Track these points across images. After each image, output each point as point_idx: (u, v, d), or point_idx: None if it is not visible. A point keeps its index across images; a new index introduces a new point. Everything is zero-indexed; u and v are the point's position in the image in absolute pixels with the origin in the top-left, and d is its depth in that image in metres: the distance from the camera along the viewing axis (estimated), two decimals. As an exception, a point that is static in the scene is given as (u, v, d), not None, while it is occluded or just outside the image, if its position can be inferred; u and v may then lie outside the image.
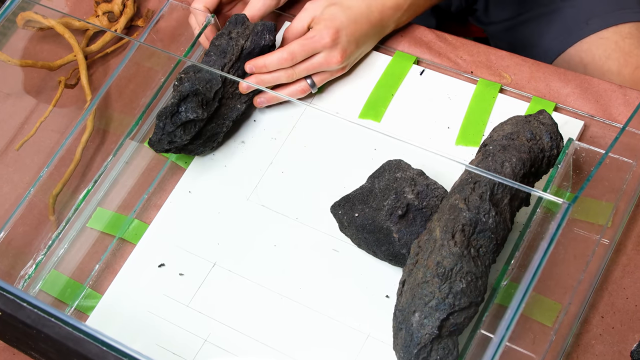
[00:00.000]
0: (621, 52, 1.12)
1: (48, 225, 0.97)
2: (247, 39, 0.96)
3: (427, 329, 0.74)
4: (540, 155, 0.81)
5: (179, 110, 0.92)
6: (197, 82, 0.92)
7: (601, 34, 1.14)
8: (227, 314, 0.89)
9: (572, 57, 1.16)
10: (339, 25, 0.94)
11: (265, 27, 0.97)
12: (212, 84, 0.93)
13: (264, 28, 0.97)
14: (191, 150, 0.97)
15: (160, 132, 0.92)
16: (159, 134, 0.93)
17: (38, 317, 0.69)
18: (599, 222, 0.85)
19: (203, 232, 0.95)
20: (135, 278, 0.94)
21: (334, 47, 0.95)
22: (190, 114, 0.92)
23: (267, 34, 0.97)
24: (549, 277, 0.80)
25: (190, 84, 0.92)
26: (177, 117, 0.92)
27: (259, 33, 0.97)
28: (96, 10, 1.11)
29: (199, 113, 0.92)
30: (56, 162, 0.96)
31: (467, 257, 0.75)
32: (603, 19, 1.15)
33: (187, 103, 0.92)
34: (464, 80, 1.00)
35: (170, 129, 0.92)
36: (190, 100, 0.92)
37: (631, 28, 1.14)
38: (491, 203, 0.76)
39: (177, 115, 0.92)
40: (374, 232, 0.84)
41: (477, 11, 1.30)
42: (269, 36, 0.97)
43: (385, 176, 0.86)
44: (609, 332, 0.83)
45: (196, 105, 0.92)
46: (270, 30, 0.97)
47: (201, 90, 0.92)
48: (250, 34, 0.96)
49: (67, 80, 1.06)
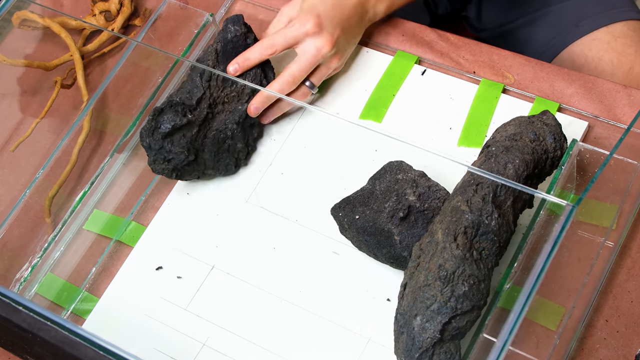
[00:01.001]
0: (614, 52, 1.12)
1: (44, 228, 0.97)
2: (219, 41, 0.95)
3: (428, 333, 0.74)
4: (543, 156, 0.81)
5: (157, 125, 0.91)
6: (173, 96, 0.92)
7: (593, 35, 1.14)
8: (226, 317, 0.89)
9: (565, 60, 1.16)
10: (319, 12, 0.94)
11: (228, 21, 0.96)
12: (192, 93, 0.92)
13: (227, 22, 0.96)
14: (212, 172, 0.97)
15: (150, 153, 0.92)
16: (151, 155, 0.92)
17: (34, 320, 0.69)
18: (603, 225, 0.85)
19: (201, 235, 0.95)
20: (133, 281, 0.94)
21: (319, 33, 0.94)
22: (167, 124, 0.91)
23: (230, 26, 0.96)
24: (553, 280, 0.80)
25: (167, 99, 0.92)
26: (157, 132, 0.91)
27: (224, 29, 0.96)
28: (93, 9, 1.11)
29: (176, 120, 0.91)
30: (52, 164, 0.96)
31: (469, 259, 0.75)
32: (594, 19, 1.15)
33: (163, 115, 0.91)
34: (466, 80, 1.00)
35: (156, 146, 0.91)
36: (167, 112, 0.91)
37: (623, 27, 1.14)
38: (494, 205, 0.76)
39: (156, 130, 0.91)
40: (375, 234, 0.84)
41: (469, 18, 1.30)
42: (233, 27, 0.95)
43: (386, 178, 0.86)
44: (614, 335, 0.83)
45: (173, 115, 0.91)
46: (234, 21, 0.96)
47: (177, 100, 0.92)
48: (221, 33, 0.96)
49: (63, 80, 1.06)
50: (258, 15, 1.09)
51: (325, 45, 0.95)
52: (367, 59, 1.03)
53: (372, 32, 1.04)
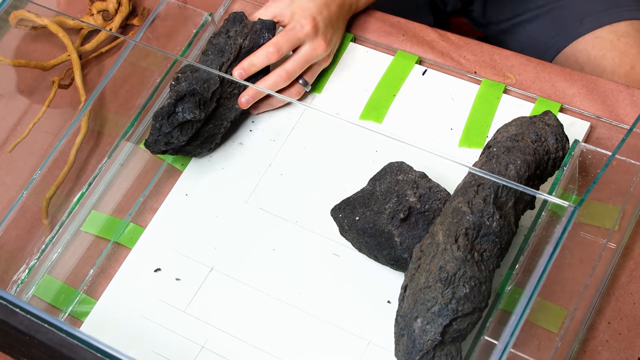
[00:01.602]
0: (616, 51, 1.12)
1: (41, 229, 0.97)
2: (245, 38, 0.96)
3: (429, 335, 0.74)
4: (545, 157, 0.81)
5: (175, 110, 0.92)
6: (194, 81, 0.92)
7: (596, 32, 1.15)
8: (225, 319, 0.89)
9: (568, 57, 1.16)
10: (314, 13, 0.97)
11: (265, 26, 0.97)
12: (209, 84, 0.93)
13: (263, 26, 0.97)
14: (188, 152, 0.97)
15: (156, 133, 0.93)
16: (155, 134, 0.93)
17: (31, 323, 0.69)
18: (605, 226, 0.85)
19: (200, 236, 0.95)
20: (131, 283, 0.94)
21: (316, 34, 0.97)
22: (187, 114, 0.92)
23: (265, 32, 0.97)
24: (555, 282, 0.80)
25: (187, 83, 0.92)
26: (174, 117, 0.92)
27: (257, 32, 0.97)
28: (91, 8, 1.11)
29: (196, 114, 0.92)
30: (50, 165, 0.96)
31: (470, 261, 0.75)
32: (597, 17, 1.15)
33: (184, 103, 0.92)
34: (468, 80, 1.00)
35: (167, 129, 0.92)
36: (188, 101, 0.92)
37: (627, 27, 1.14)
38: (495, 206, 0.77)
39: (174, 116, 0.92)
40: (375, 236, 0.84)
41: (474, 12, 1.30)
42: (267, 35, 0.97)
43: (386, 179, 0.86)
44: (616, 338, 0.83)
45: (193, 106, 0.92)
46: (270, 28, 0.97)
47: (198, 90, 0.92)
48: (249, 33, 0.96)
49: (60, 80, 1.06)
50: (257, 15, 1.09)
51: (321, 46, 0.98)
52: (367, 59, 1.03)
53: (373, 31, 1.05)
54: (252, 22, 0.97)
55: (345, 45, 1.04)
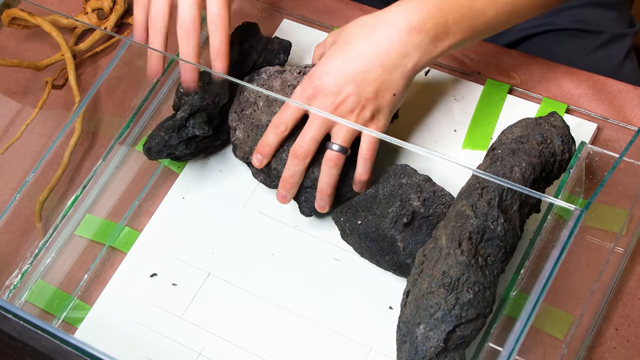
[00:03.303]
0: None
1: (34, 233, 0.97)
2: (259, 55, 0.95)
3: (432, 342, 0.74)
4: (551, 159, 0.81)
5: (186, 124, 0.92)
6: (207, 96, 0.92)
7: None
8: (223, 326, 0.90)
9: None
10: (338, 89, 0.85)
11: (282, 46, 0.96)
12: (220, 99, 0.93)
13: (280, 47, 0.96)
14: (184, 158, 0.97)
15: (162, 143, 0.92)
16: (160, 144, 0.93)
17: (24, 329, 0.69)
18: (612, 230, 0.85)
19: (197, 240, 0.95)
20: (126, 288, 0.94)
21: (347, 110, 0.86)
22: (197, 130, 0.92)
23: (282, 54, 0.96)
24: (561, 287, 0.80)
25: (200, 98, 0.92)
26: (183, 131, 0.92)
27: (274, 52, 0.96)
28: (85, 7, 1.11)
29: (205, 130, 0.92)
30: (43, 167, 0.96)
31: (474, 266, 0.75)
32: None
33: (195, 118, 0.92)
34: (471, 80, 1.00)
35: (174, 142, 0.92)
36: (199, 116, 0.92)
37: None
38: (500, 209, 0.77)
39: (184, 130, 0.92)
40: (378, 240, 0.84)
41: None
42: (283, 56, 0.96)
43: (390, 182, 0.86)
44: (624, 345, 0.83)
45: (203, 122, 0.92)
46: (286, 50, 0.96)
47: (210, 105, 0.93)
48: (264, 50, 0.96)
49: (54, 80, 1.06)
50: (256, 13, 1.09)
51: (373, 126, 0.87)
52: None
53: (374, 30, 1.05)
54: (267, 39, 0.96)
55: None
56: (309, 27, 1.07)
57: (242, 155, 0.92)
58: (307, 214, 0.90)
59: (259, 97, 0.91)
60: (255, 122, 0.91)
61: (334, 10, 1.08)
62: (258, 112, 0.91)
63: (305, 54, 1.05)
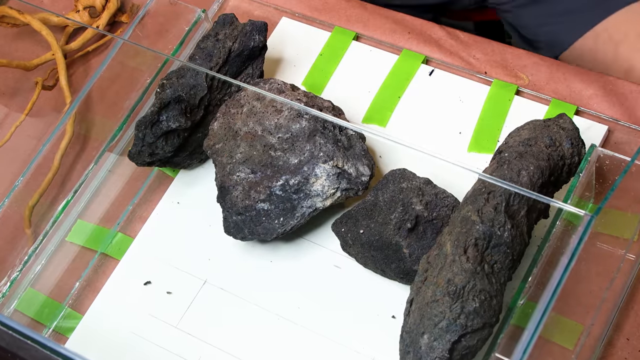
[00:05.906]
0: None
1: (24, 240, 0.97)
2: (234, 41, 0.96)
3: (437, 352, 0.74)
4: (560, 162, 0.81)
5: (159, 119, 0.92)
6: (179, 88, 0.93)
7: (634, 6, 1.09)
8: (219, 335, 0.90)
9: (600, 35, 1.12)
10: None
11: (255, 27, 0.97)
12: (196, 90, 0.94)
13: (253, 28, 0.97)
14: (177, 164, 0.97)
15: (140, 144, 0.93)
16: (138, 145, 0.93)
17: (13, 339, 0.69)
18: (624, 236, 0.86)
19: (193, 247, 0.95)
20: (119, 297, 0.94)
21: None
22: (172, 123, 0.92)
23: (256, 34, 0.97)
24: (570, 295, 0.80)
25: (172, 90, 0.92)
26: (157, 126, 0.92)
27: (247, 34, 0.97)
28: (76, 4, 1.11)
29: (182, 122, 0.92)
30: (33, 171, 0.96)
31: (480, 273, 0.75)
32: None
33: (168, 111, 0.92)
34: (477, 81, 1.00)
35: (150, 139, 0.92)
36: (172, 108, 0.92)
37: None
38: (507, 215, 0.77)
39: (157, 125, 0.92)
40: (382, 248, 0.84)
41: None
42: (258, 37, 0.97)
43: (389, 187, 0.86)
44: (635, 355, 0.83)
45: (178, 114, 0.92)
46: (260, 30, 0.97)
47: (184, 97, 0.93)
48: (239, 35, 0.96)
49: (44, 81, 1.06)
50: (254, 12, 1.10)
51: None
52: (370, 58, 1.04)
53: (376, 29, 1.05)
54: (243, 24, 0.97)
55: (347, 43, 1.05)
56: (308, 25, 1.08)
57: (206, 144, 0.92)
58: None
59: (248, 103, 0.92)
60: (231, 124, 0.92)
61: (334, 8, 1.08)
62: (238, 116, 0.92)
63: (304, 53, 1.05)
